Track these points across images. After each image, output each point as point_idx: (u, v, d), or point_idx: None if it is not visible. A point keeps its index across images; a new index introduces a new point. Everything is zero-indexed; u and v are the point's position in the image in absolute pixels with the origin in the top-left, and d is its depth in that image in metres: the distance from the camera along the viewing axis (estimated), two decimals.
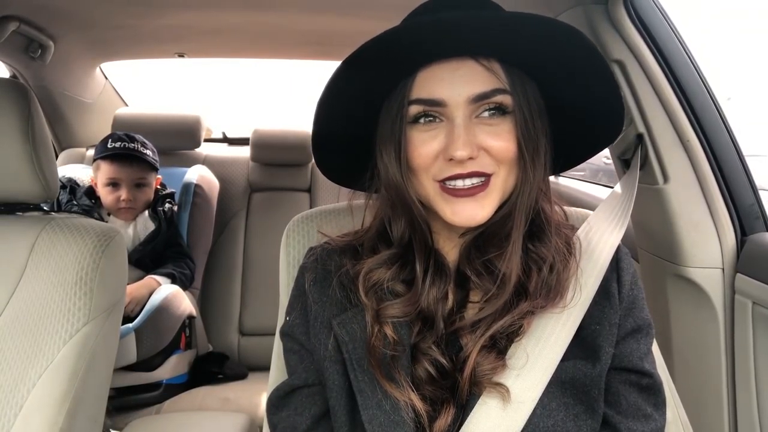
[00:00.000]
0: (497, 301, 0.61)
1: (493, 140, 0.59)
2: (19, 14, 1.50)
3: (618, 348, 0.64)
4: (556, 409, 0.60)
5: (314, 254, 0.72)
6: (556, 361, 0.61)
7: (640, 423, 0.64)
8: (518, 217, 0.62)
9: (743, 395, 0.98)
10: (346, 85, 0.62)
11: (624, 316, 0.65)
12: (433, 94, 0.59)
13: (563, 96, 0.64)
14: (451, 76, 0.59)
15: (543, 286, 0.62)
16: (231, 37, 1.86)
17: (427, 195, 0.62)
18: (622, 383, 0.65)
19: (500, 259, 0.62)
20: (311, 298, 0.68)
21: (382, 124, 0.64)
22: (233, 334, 2.00)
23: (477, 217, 0.60)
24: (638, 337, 0.66)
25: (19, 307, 0.89)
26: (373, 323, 0.62)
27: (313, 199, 2.18)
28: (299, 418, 0.66)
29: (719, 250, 1.01)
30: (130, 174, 1.74)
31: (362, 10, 1.50)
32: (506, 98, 0.60)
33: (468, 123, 0.59)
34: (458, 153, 0.57)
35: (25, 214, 1.02)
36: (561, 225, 0.69)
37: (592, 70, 0.61)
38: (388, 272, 0.64)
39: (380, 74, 0.61)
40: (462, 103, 0.59)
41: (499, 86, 0.60)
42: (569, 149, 0.68)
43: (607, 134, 0.70)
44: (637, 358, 0.65)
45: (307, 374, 0.67)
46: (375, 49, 0.57)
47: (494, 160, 0.60)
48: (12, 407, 0.83)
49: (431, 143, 0.60)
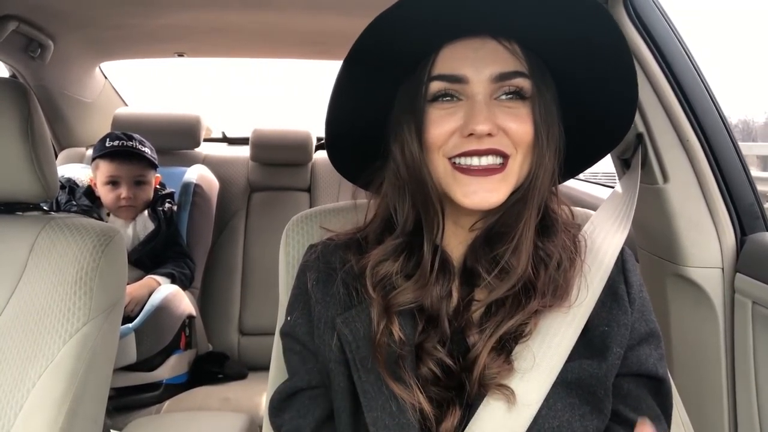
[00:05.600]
0: (506, 300, 0.61)
1: (512, 122, 0.59)
2: (19, 14, 1.50)
3: (634, 352, 0.64)
4: (561, 409, 0.59)
5: (315, 252, 0.71)
6: (561, 362, 0.60)
7: (654, 424, 0.63)
8: (531, 205, 0.61)
9: (743, 395, 0.98)
10: (363, 67, 0.61)
11: (637, 320, 0.65)
12: (456, 71, 0.59)
13: (573, 87, 0.63)
14: (474, 54, 0.59)
15: (550, 284, 0.62)
16: (231, 36, 1.86)
17: (438, 176, 0.61)
18: (639, 386, 0.65)
19: (511, 254, 0.61)
20: (314, 298, 0.66)
21: (400, 103, 0.63)
22: (233, 333, 2.00)
23: (491, 200, 0.59)
24: (651, 341, 0.66)
25: (18, 306, 0.89)
26: (380, 319, 0.61)
27: (312, 198, 2.18)
28: (303, 420, 0.65)
29: (719, 250, 1.01)
30: (129, 171, 1.74)
31: (362, 9, 1.49)
32: (526, 82, 0.60)
33: (488, 101, 0.59)
34: (479, 127, 0.57)
35: (24, 213, 1.02)
36: (567, 223, 0.68)
37: (610, 51, 0.60)
38: (395, 264, 0.63)
39: (400, 52, 0.60)
40: (484, 81, 0.59)
41: (520, 69, 0.59)
42: (574, 153, 0.68)
43: (614, 135, 0.69)
44: (653, 364, 0.65)
45: (309, 376, 0.66)
46: (395, 22, 0.56)
47: (512, 142, 0.59)
48: (12, 407, 0.83)
49: (449, 120, 0.59)
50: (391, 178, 0.65)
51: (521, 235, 0.61)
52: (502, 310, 0.61)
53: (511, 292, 0.61)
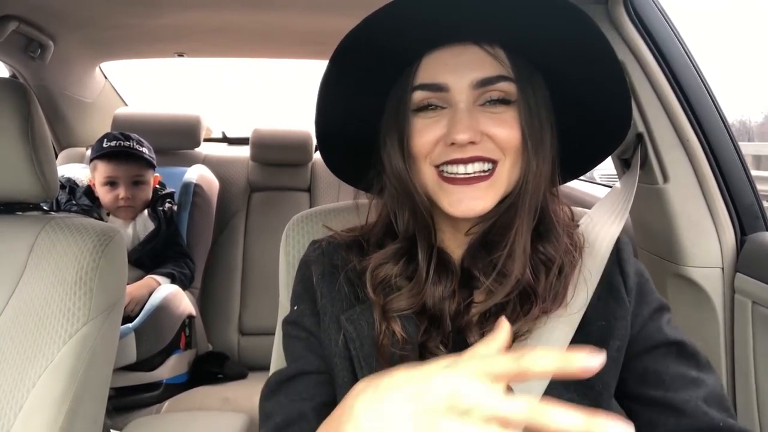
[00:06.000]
0: (506, 305, 0.60)
1: (497, 127, 0.58)
2: (19, 14, 1.50)
3: (641, 333, 0.63)
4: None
5: (319, 247, 0.70)
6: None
7: (691, 390, 0.61)
8: (523, 211, 0.61)
9: (743, 395, 0.98)
10: (350, 67, 0.61)
11: (638, 305, 0.64)
12: (436, 79, 0.59)
13: (568, 88, 0.63)
14: (454, 61, 0.59)
15: (551, 289, 0.61)
16: (231, 36, 1.86)
17: (426, 185, 0.61)
18: (656, 359, 0.63)
19: (507, 258, 0.61)
20: (320, 292, 0.66)
21: (387, 113, 0.63)
22: (233, 333, 2.01)
23: (477, 208, 0.59)
24: (656, 317, 0.65)
25: (18, 306, 0.89)
26: (381, 320, 0.61)
27: (313, 198, 2.18)
28: (309, 403, 0.62)
29: (719, 250, 1.01)
30: (127, 171, 1.74)
31: (362, 9, 1.49)
32: (510, 87, 0.59)
33: (471, 108, 0.58)
34: (459, 136, 0.56)
35: (24, 213, 1.02)
36: (568, 225, 0.67)
37: (594, 51, 0.59)
38: (395, 268, 0.63)
39: (388, 57, 0.60)
40: (465, 88, 0.58)
41: (503, 73, 0.59)
42: (576, 153, 0.67)
43: (614, 135, 0.68)
44: (663, 332, 0.64)
45: (318, 362, 0.65)
46: (381, 25, 0.56)
47: (498, 148, 0.59)
48: (12, 407, 0.83)
49: (433, 129, 0.59)
50: (388, 185, 0.65)
51: (514, 241, 0.61)
52: (503, 314, 0.60)
53: (510, 297, 0.61)
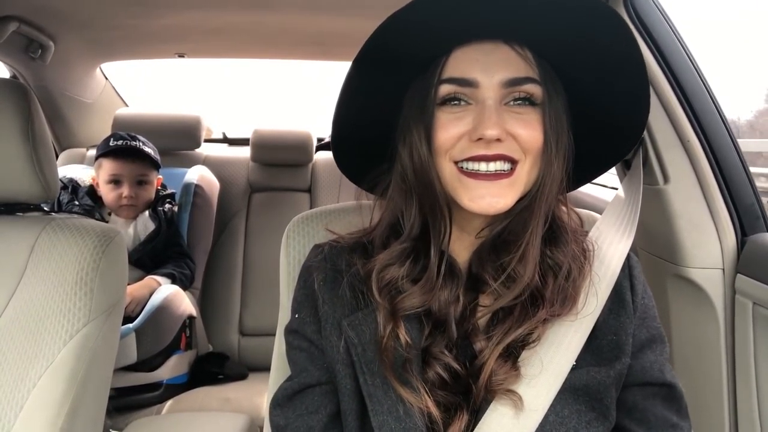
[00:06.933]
0: (514, 308, 0.60)
1: (522, 128, 0.58)
2: (19, 14, 1.50)
3: (637, 361, 0.64)
4: (568, 416, 0.59)
5: (322, 252, 0.70)
6: (568, 368, 0.60)
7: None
8: (538, 213, 0.61)
9: (744, 396, 0.98)
10: (372, 67, 0.61)
11: (638, 326, 0.65)
12: (466, 74, 0.58)
13: (586, 97, 0.63)
14: (485, 58, 0.59)
15: (559, 293, 0.61)
16: (231, 37, 1.86)
17: (445, 180, 0.61)
18: (647, 398, 0.64)
19: (518, 262, 0.60)
20: (321, 298, 0.66)
21: (409, 105, 0.63)
22: (233, 334, 2.01)
23: (498, 204, 0.58)
24: (654, 347, 0.65)
25: (19, 307, 0.89)
26: (386, 323, 0.60)
27: (313, 199, 2.18)
28: (315, 416, 0.64)
29: (719, 251, 1.01)
30: (132, 170, 1.75)
31: (363, 9, 1.49)
32: (537, 89, 0.59)
33: (498, 106, 0.58)
34: (488, 132, 0.56)
35: (25, 214, 1.02)
36: (576, 231, 0.67)
37: (621, 60, 0.59)
38: (401, 269, 0.63)
39: (411, 54, 0.59)
40: (495, 86, 0.58)
41: (531, 75, 0.59)
42: (582, 161, 0.67)
43: (620, 149, 0.69)
44: (658, 370, 0.64)
45: (320, 373, 0.65)
46: (407, 24, 0.56)
47: (521, 148, 0.59)
48: (12, 408, 0.83)
49: (457, 124, 0.59)
50: (398, 182, 0.65)
51: (528, 243, 0.60)
52: (510, 318, 0.60)
53: (518, 300, 0.61)
